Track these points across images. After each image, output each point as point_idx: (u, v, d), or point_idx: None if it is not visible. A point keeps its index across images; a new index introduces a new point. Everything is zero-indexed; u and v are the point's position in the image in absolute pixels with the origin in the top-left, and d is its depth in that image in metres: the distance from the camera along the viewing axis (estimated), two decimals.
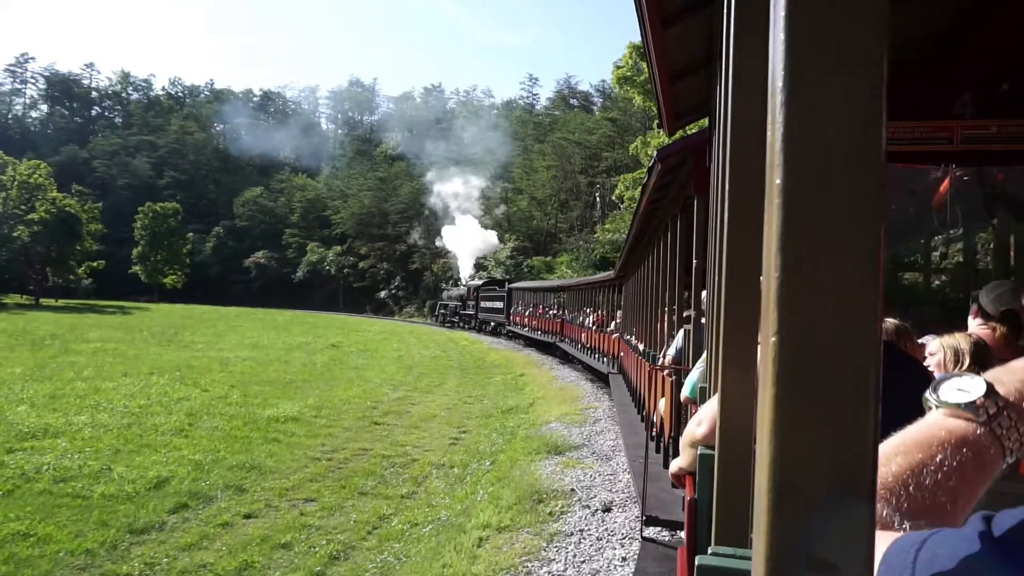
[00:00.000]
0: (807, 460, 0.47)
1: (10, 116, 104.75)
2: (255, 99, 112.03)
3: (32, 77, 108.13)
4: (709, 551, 1.12)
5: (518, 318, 31.26)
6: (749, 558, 0.79)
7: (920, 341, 2.44)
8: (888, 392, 0.52)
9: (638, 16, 2.31)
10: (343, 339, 28.40)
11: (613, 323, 16.84)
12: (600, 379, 16.49)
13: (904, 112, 3.43)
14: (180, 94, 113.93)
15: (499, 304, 34.88)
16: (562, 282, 26.94)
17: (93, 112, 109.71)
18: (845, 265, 0.47)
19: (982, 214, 7.06)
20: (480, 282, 41.19)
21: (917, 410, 0.70)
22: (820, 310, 0.46)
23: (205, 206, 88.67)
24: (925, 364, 2.26)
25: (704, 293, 3.93)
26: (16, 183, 54.00)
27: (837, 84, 0.49)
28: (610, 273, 18.24)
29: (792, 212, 0.47)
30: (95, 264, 62.75)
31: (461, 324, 41.38)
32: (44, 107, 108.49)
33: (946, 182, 3.89)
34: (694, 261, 4.86)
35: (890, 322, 2.17)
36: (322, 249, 75.78)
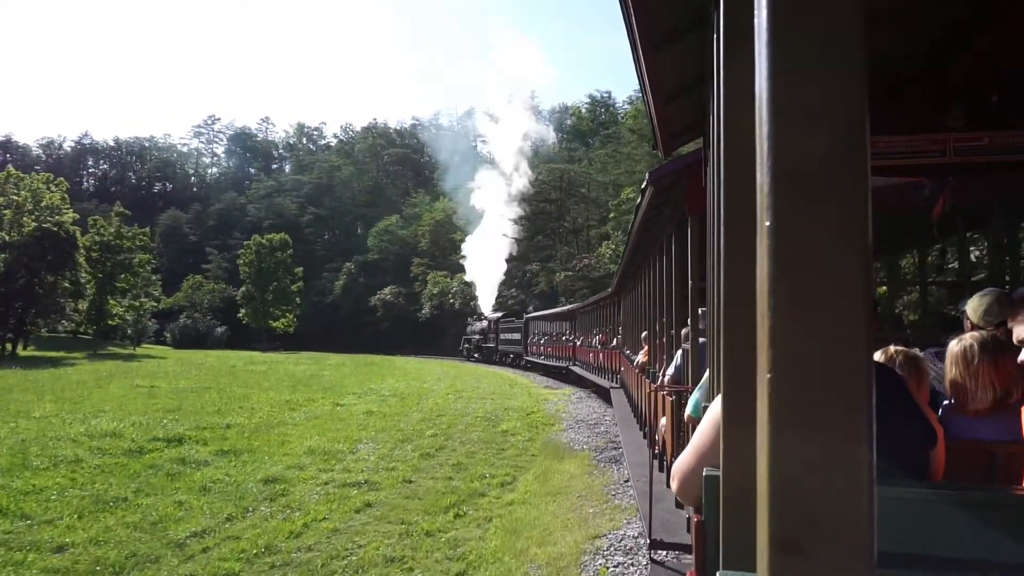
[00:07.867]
0: (804, 496, 0.47)
1: (196, 174, 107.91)
2: (418, 127, 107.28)
3: (216, 136, 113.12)
4: (717, 575, 1.11)
5: (534, 348, 31.81)
6: None
7: (921, 354, 2.44)
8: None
9: (630, 41, 2.33)
10: (302, 410, 15.20)
11: (615, 339, 16.99)
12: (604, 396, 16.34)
13: (897, 126, 3.46)
14: (351, 138, 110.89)
15: (517, 336, 35.19)
16: (571, 306, 27.86)
17: (273, 166, 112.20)
18: (835, 300, 0.47)
19: (979, 224, 7.10)
20: (499, 315, 41.18)
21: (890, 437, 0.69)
22: (811, 344, 0.47)
23: (353, 242, 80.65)
24: (927, 387, 2.26)
25: (702, 311, 3.93)
26: (15, 203, 40.51)
27: (820, 103, 0.49)
28: (608, 291, 18.50)
29: (780, 249, 0.48)
30: (137, 303, 51.93)
31: (483, 359, 41.15)
32: (226, 163, 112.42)
33: (944, 194, 3.92)
34: (689, 282, 4.87)
35: (897, 350, 2.18)
36: (446, 279, 61.10)
